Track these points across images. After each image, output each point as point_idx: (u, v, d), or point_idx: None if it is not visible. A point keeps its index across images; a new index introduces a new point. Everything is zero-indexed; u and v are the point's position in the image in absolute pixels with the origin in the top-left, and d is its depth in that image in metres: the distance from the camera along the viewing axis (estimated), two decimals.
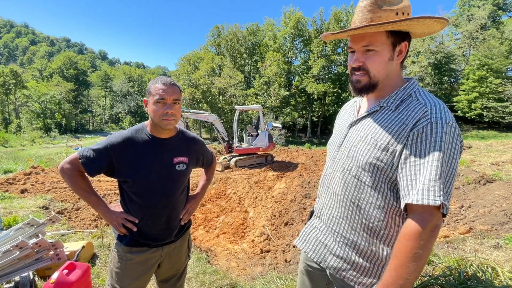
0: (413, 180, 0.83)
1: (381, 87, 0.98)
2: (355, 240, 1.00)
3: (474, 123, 31.64)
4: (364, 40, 0.92)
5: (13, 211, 4.23)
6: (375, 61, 0.93)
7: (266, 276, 2.77)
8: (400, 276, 0.81)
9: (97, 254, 2.97)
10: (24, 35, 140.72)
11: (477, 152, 7.79)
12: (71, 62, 60.49)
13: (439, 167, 0.80)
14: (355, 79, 0.98)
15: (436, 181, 0.79)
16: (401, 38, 0.94)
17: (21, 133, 35.96)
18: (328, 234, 1.10)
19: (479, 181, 4.74)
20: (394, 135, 0.89)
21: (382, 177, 0.93)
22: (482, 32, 31.57)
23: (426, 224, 0.79)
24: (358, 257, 1.00)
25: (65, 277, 1.64)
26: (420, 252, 0.79)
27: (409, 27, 0.90)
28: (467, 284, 1.63)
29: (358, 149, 0.98)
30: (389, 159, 0.89)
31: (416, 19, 0.85)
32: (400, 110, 0.93)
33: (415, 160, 0.84)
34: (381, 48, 0.92)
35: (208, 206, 6.48)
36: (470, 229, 3.15)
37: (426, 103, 0.89)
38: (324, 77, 33.96)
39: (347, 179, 1.01)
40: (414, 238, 0.80)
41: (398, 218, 0.94)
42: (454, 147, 0.83)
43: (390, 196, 0.93)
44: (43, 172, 7.80)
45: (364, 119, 1.02)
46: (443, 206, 0.79)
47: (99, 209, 1.36)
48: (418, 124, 0.85)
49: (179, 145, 1.44)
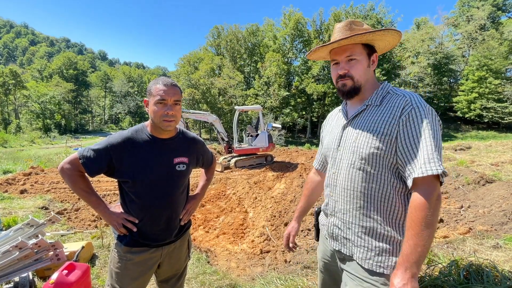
0: (414, 158, 0.96)
1: (363, 90, 1.16)
2: (372, 226, 1.10)
3: (473, 124, 31.68)
4: (347, 51, 1.13)
5: (13, 211, 4.22)
6: (357, 68, 1.13)
7: (266, 276, 2.77)
8: (417, 244, 0.91)
9: (97, 254, 2.96)
10: (24, 36, 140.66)
11: (477, 152, 7.80)
12: (70, 63, 60.48)
13: (432, 142, 0.94)
14: (342, 84, 1.16)
15: (434, 153, 0.93)
16: (372, 51, 1.16)
17: (21, 134, 35.93)
18: (347, 229, 1.18)
19: (478, 182, 4.74)
20: (386, 125, 1.04)
21: (384, 164, 1.05)
22: (481, 33, 31.63)
23: (432, 194, 0.92)
24: (378, 242, 1.09)
25: (64, 278, 1.64)
26: (430, 219, 0.90)
27: (372, 39, 1.12)
28: (467, 284, 1.64)
29: (358, 143, 1.10)
30: (387, 145, 1.03)
31: (379, 30, 1.08)
32: (385, 104, 1.09)
33: (410, 141, 0.98)
34: (360, 57, 1.13)
35: (208, 206, 6.48)
36: (470, 229, 3.15)
37: (405, 94, 1.07)
38: (323, 77, 33.98)
39: (352, 173, 1.12)
40: (424, 208, 0.91)
41: (403, 198, 1.07)
42: (437, 125, 0.99)
43: (393, 179, 1.05)
44: (43, 173, 7.79)
45: (355, 119, 1.17)
46: (442, 175, 0.92)
47: (99, 209, 1.36)
48: (404, 111, 1.01)
49: (179, 146, 1.44)
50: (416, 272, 0.90)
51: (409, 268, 0.90)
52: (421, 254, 0.90)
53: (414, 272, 0.90)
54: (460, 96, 30.70)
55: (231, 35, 40.90)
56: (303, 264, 2.98)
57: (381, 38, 1.11)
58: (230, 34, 41.18)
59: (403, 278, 0.90)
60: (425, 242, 0.90)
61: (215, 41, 43.93)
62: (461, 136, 27.96)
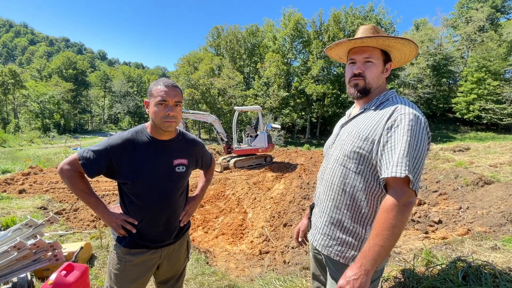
0: (389, 162, 0.99)
1: (371, 94, 1.19)
2: (339, 218, 1.16)
3: (472, 125, 31.74)
4: (366, 52, 1.16)
5: (11, 211, 4.20)
6: (372, 70, 1.16)
7: (265, 277, 2.77)
8: (376, 244, 0.94)
9: (96, 255, 2.96)
10: (23, 35, 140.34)
11: (475, 153, 7.81)
12: (70, 62, 60.36)
13: (406, 148, 0.96)
14: (354, 83, 1.19)
15: (403, 158, 0.95)
16: (388, 59, 1.21)
17: (20, 133, 35.82)
18: (319, 217, 1.27)
19: (477, 183, 4.75)
20: (373, 128, 1.09)
21: (365, 163, 1.10)
22: (480, 34, 31.74)
23: (399, 198, 0.94)
24: (342, 233, 1.15)
25: (63, 278, 1.63)
26: (393, 222, 0.93)
27: (392, 46, 1.16)
28: (465, 286, 1.64)
29: (344, 141, 1.18)
30: (370, 147, 1.08)
31: (402, 38, 1.11)
32: (379, 110, 1.14)
33: (390, 146, 1.01)
34: (377, 61, 1.17)
35: (207, 207, 6.48)
36: (469, 230, 3.16)
37: (398, 102, 1.11)
38: (323, 78, 33.99)
39: (335, 167, 1.19)
40: (389, 210, 0.94)
41: (377, 200, 1.11)
42: (420, 134, 1.00)
43: (371, 180, 1.09)
44: (42, 173, 7.76)
45: (352, 120, 1.24)
46: (411, 183, 0.93)
47: (98, 210, 1.35)
48: (391, 117, 1.05)
49: (179, 147, 1.44)
50: (370, 270, 0.94)
51: (364, 265, 0.95)
52: (379, 253, 0.94)
53: (367, 269, 0.94)
54: (459, 97, 30.76)
55: (231, 35, 40.90)
56: (302, 265, 2.98)
57: (400, 47, 1.16)
58: (229, 34, 41.18)
59: (356, 272, 0.95)
60: (384, 243, 0.93)
61: (215, 41, 43.92)
62: (460, 137, 28.01)
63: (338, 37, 32.32)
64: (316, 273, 1.45)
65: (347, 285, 0.95)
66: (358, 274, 0.94)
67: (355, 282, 0.94)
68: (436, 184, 5.35)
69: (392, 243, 0.94)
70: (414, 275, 1.91)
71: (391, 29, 35.68)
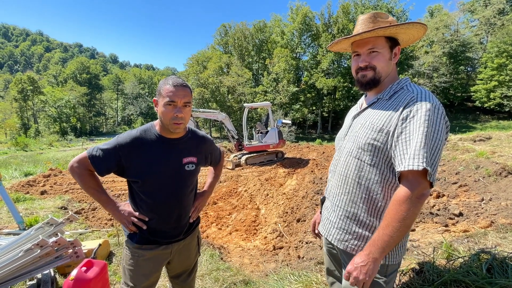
0: (405, 153, 0.96)
1: (382, 83, 1.16)
2: (355, 212, 1.14)
3: (493, 113, 30.28)
4: (368, 44, 1.13)
5: (34, 211, 4.40)
6: (379, 59, 1.12)
7: (279, 272, 2.76)
8: (385, 234, 0.95)
9: (113, 252, 3.04)
10: (39, 43, 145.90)
11: (498, 143, 7.43)
12: (83, 67, 62.36)
13: (423, 140, 0.93)
14: (361, 75, 1.16)
15: (420, 151, 0.92)
16: (395, 43, 1.16)
17: (40, 137, 37.44)
18: (332, 211, 1.24)
19: (500, 173, 4.53)
20: (387, 118, 1.05)
21: (380, 155, 1.07)
22: (500, 18, 30.06)
23: (413, 190, 0.92)
24: (358, 227, 1.13)
25: (83, 274, 1.69)
26: (405, 215, 0.92)
27: (396, 33, 1.12)
28: (490, 278, 1.56)
29: (358, 133, 1.14)
30: (384, 138, 1.04)
31: (402, 24, 1.07)
32: (393, 99, 1.09)
33: (405, 137, 0.98)
34: (382, 50, 1.12)
35: (220, 204, 6.53)
36: (492, 222, 3.02)
37: (414, 91, 1.06)
38: (333, 71, 33.35)
39: (349, 160, 1.16)
40: (401, 202, 0.93)
41: (393, 192, 1.06)
42: (438, 124, 0.96)
43: (387, 172, 1.07)
44: (61, 174, 8.08)
45: (365, 110, 1.20)
46: (429, 174, 0.91)
47: (109, 207, 1.37)
48: (406, 107, 1.01)
49: (188, 145, 1.43)
50: (378, 258, 0.96)
51: (372, 253, 0.96)
52: (387, 243, 0.94)
53: (375, 257, 0.96)
54: (478, 85, 29.37)
55: (239, 32, 40.79)
56: (316, 260, 2.95)
57: (405, 31, 1.11)
58: (237, 31, 41.08)
59: (364, 259, 0.97)
60: (393, 234, 0.93)
61: (223, 39, 43.97)
62: (480, 126, 26.82)
63: (347, 28, 31.52)
64: (331, 268, 1.43)
65: (355, 271, 0.97)
66: (366, 261, 0.96)
67: (363, 269, 0.96)
68: (455, 176, 5.14)
69: (402, 234, 0.94)
70: (434, 268, 1.84)
71: (403, 17, 34.36)
